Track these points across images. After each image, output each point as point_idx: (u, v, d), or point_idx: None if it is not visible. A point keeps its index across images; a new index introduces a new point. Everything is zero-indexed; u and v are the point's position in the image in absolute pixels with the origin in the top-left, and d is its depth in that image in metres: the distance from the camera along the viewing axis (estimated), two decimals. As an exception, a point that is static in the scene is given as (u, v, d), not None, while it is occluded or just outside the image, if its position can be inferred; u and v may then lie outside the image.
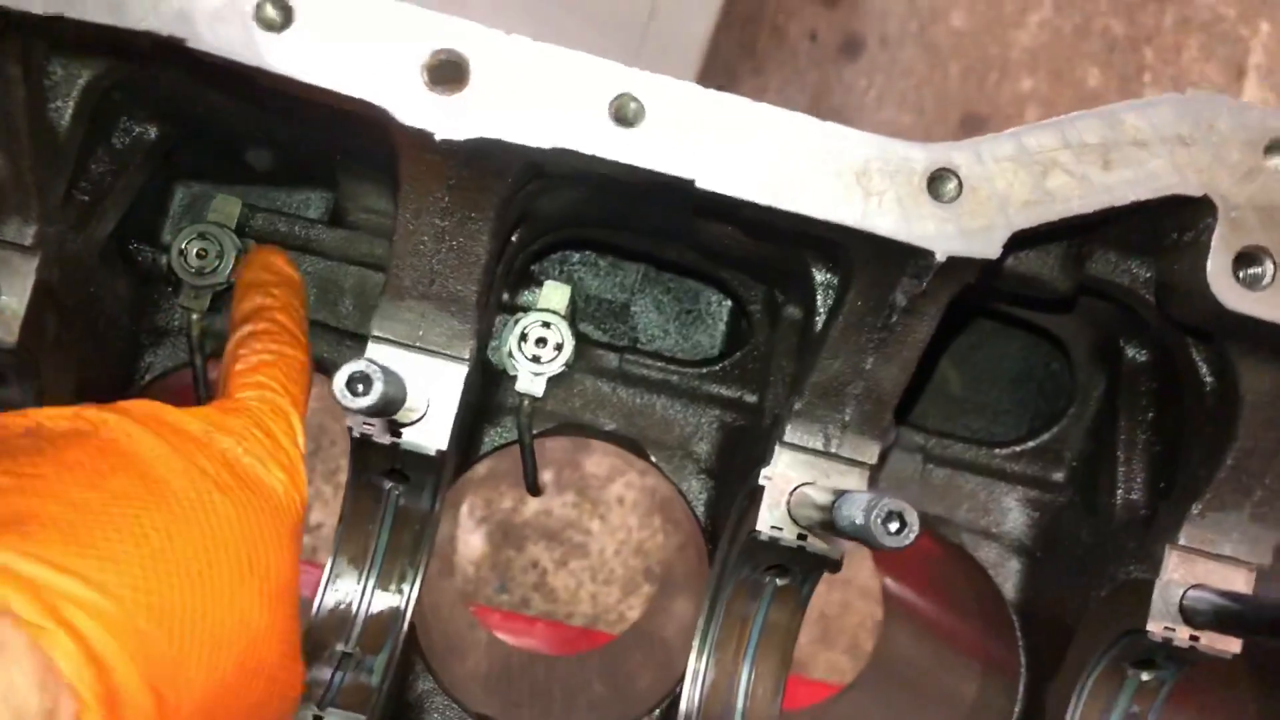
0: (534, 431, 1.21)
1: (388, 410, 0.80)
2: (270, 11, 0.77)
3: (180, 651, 0.71)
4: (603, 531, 3.44)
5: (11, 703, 0.60)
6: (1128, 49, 4.10)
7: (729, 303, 1.29)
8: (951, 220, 0.80)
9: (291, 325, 1.02)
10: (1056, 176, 0.80)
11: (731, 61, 3.74)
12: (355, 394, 0.72)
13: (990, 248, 0.80)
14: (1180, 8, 4.19)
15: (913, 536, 0.73)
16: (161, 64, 0.85)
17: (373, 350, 0.93)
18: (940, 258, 0.79)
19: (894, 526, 0.74)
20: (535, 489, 1.24)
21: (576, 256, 1.28)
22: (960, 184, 0.80)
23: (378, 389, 0.72)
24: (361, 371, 0.72)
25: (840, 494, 0.85)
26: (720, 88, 0.78)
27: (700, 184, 0.79)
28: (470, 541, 3.30)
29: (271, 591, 0.80)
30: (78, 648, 0.64)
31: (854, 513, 0.77)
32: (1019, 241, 0.82)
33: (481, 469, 1.36)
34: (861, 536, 0.77)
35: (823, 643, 3.51)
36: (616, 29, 2.83)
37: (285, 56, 0.77)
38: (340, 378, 0.72)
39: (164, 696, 0.69)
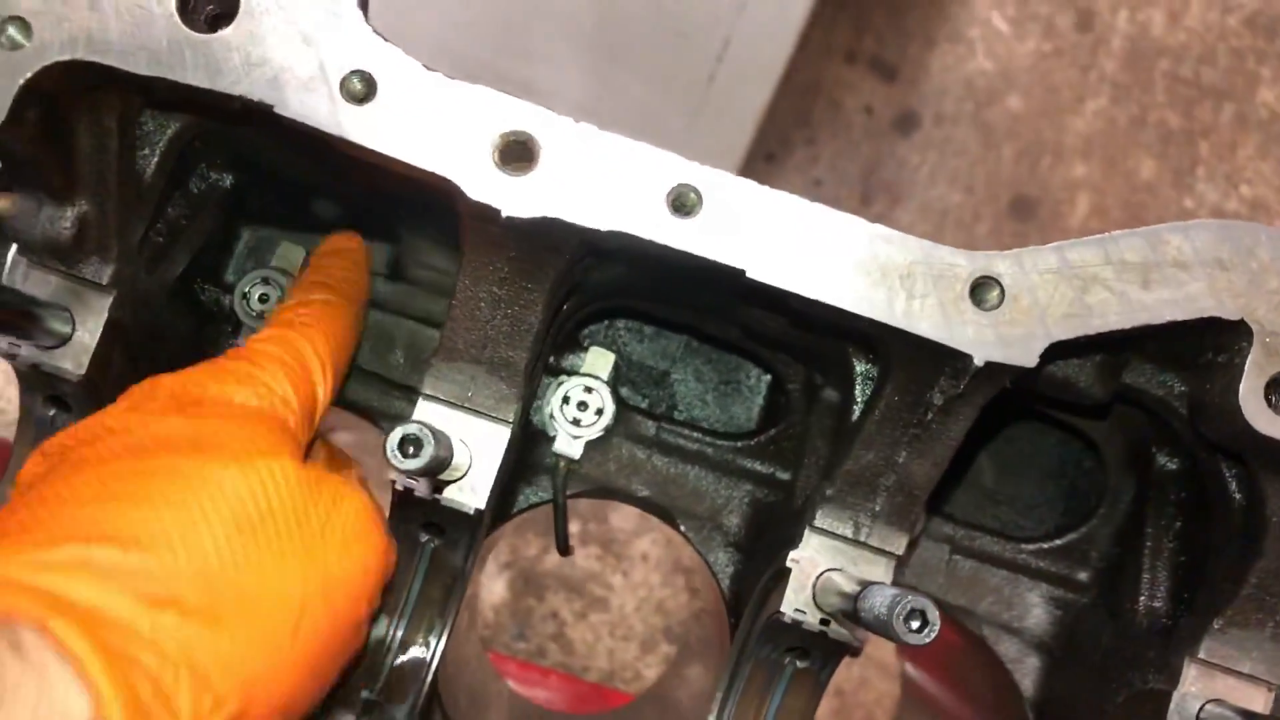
0: (568, 493, 1.24)
1: (435, 471, 0.83)
2: (355, 85, 0.81)
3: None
4: (624, 587, 3.44)
5: None
6: (1183, 142, 4.12)
7: (767, 379, 1.32)
8: (991, 327, 0.82)
9: (329, 280, 1.07)
10: (1097, 292, 0.83)
11: (786, 129, 3.79)
12: (406, 455, 0.75)
13: (1028, 357, 0.82)
14: (1239, 106, 4.21)
15: (933, 635, 0.75)
16: (245, 123, 0.89)
17: (422, 407, 0.96)
18: (978, 363, 0.82)
19: (915, 624, 0.76)
20: (566, 549, 1.26)
21: (622, 322, 1.32)
22: (1002, 293, 0.82)
23: (428, 452, 0.75)
24: (414, 435, 0.75)
25: (866, 585, 0.87)
26: (773, 154, 0.82)
27: (750, 274, 0.82)
28: (493, 587, 3.32)
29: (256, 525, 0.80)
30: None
31: (878, 606, 0.79)
32: (1056, 352, 0.84)
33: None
34: (883, 630, 0.79)
35: (839, 718, 3.48)
36: (677, 91, 2.89)
37: (364, 128, 0.82)
38: (393, 439, 0.75)
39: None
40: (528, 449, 1.23)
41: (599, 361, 1.23)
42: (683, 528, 1.27)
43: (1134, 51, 4.29)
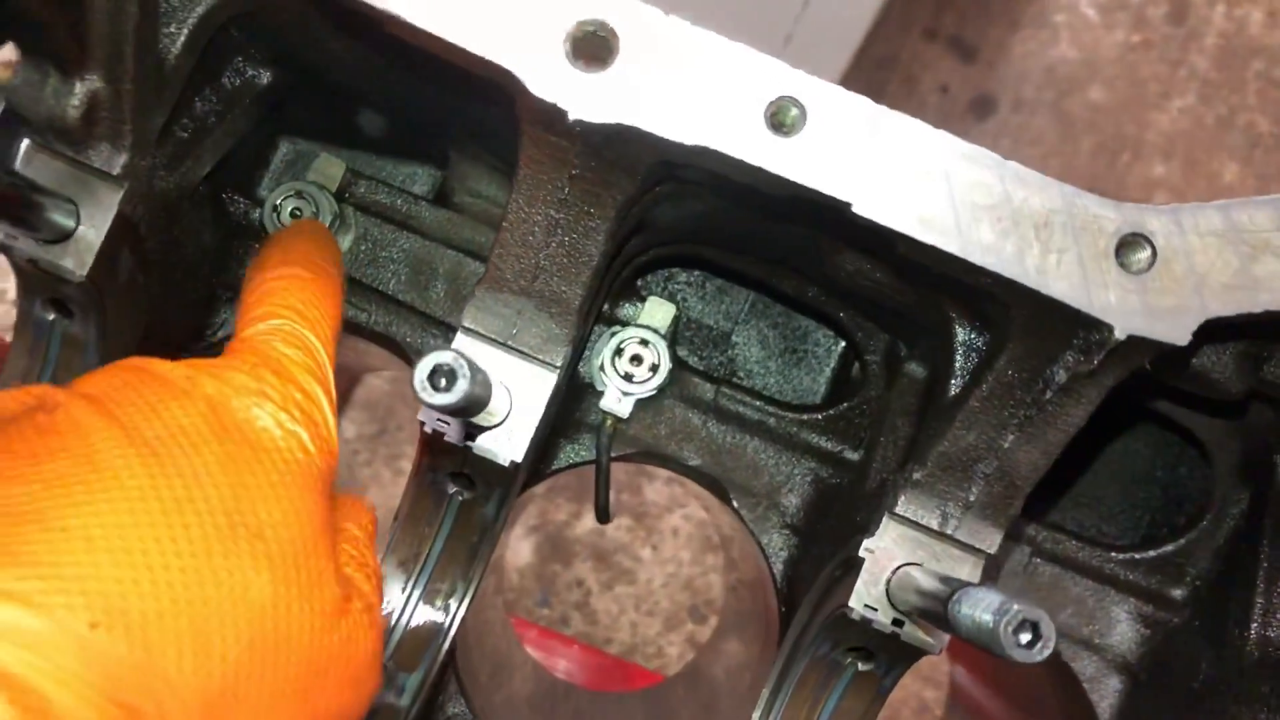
0: (612, 455, 1.12)
1: (468, 412, 0.72)
2: (410, -46, 0.69)
3: (150, 650, 0.60)
4: (653, 561, 3.35)
5: None
6: (1271, 147, 3.93)
7: (839, 347, 1.19)
8: (1138, 294, 0.69)
9: (310, 250, 0.87)
10: (1267, 262, 0.69)
11: (857, 104, 3.64)
12: (436, 388, 0.63)
13: (1178, 332, 0.69)
14: (1335, 114, 4.01)
15: (1046, 652, 0.63)
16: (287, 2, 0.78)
17: (461, 343, 0.85)
18: (1119, 335, 0.69)
19: (1026, 637, 0.63)
20: (606, 516, 1.15)
21: (683, 276, 1.19)
22: (1154, 254, 0.69)
23: (461, 387, 0.63)
24: (447, 365, 0.63)
25: (955, 585, 0.74)
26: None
27: (857, 209, 0.69)
28: (519, 550, 3.24)
29: (275, 553, 0.67)
30: None
31: (979, 612, 0.67)
32: (1208, 332, 0.71)
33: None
34: (983, 640, 0.67)
35: None
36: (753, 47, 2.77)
37: (419, 5, 0.70)
38: (423, 369, 0.63)
39: (137, 707, 0.58)
40: (572, 402, 1.12)
41: (658, 313, 1.11)
42: (736, 504, 1.15)
43: (1228, 49, 4.09)
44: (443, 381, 0.63)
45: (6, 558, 0.58)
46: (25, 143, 0.85)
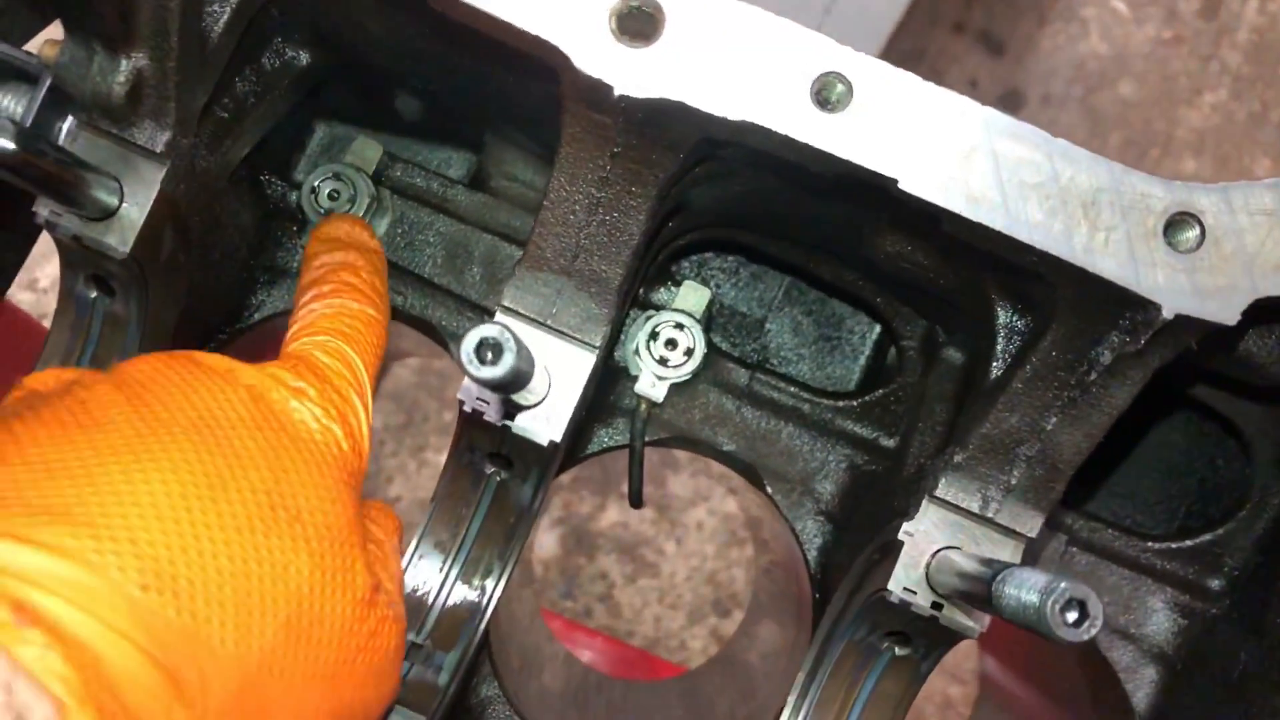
0: (646, 439, 1.12)
1: (513, 386, 0.71)
2: (456, -71, 0.70)
3: (196, 618, 0.60)
4: (677, 554, 3.35)
5: None
6: (1304, 144, 3.89)
7: (873, 335, 1.18)
8: (1186, 273, 0.68)
9: (359, 284, 0.90)
10: (1319, 242, 0.69)
11: (884, 98, 3.62)
12: (484, 361, 0.63)
13: (1227, 312, 0.68)
14: (1367, 110, 3.97)
15: (1094, 631, 0.62)
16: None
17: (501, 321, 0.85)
18: (1167, 314, 0.68)
19: (1073, 615, 0.63)
20: (639, 501, 1.15)
21: (716, 262, 1.19)
22: (1203, 233, 0.68)
23: (508, 361, 0.63)
24: (494, 339, 0.63)
25: (998, 567, 0.74)
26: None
27: (904, 185, 0.69)
28: (543, 542, 3.24)
29: (313, 536, 0.69)
30: (45, 636, 0.53)
31: (1024, 592, 0.66)
32: (1257, 312, 0.70)
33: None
34: (1028, 620, 0.66)
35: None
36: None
37: (464, -20, 0.70)
38: (470, 341, 0.63)
39: (180, 673, 0.58)
40: (606, 386, 1.12)
41: (692, 297, 1.11)
42: (770, 489, 1.14)
43: (1261, 44, 4.05)
44: (489, 354, 0.63)
45: (62, 516, 0.59)
46: (70, 120, 0.86)
